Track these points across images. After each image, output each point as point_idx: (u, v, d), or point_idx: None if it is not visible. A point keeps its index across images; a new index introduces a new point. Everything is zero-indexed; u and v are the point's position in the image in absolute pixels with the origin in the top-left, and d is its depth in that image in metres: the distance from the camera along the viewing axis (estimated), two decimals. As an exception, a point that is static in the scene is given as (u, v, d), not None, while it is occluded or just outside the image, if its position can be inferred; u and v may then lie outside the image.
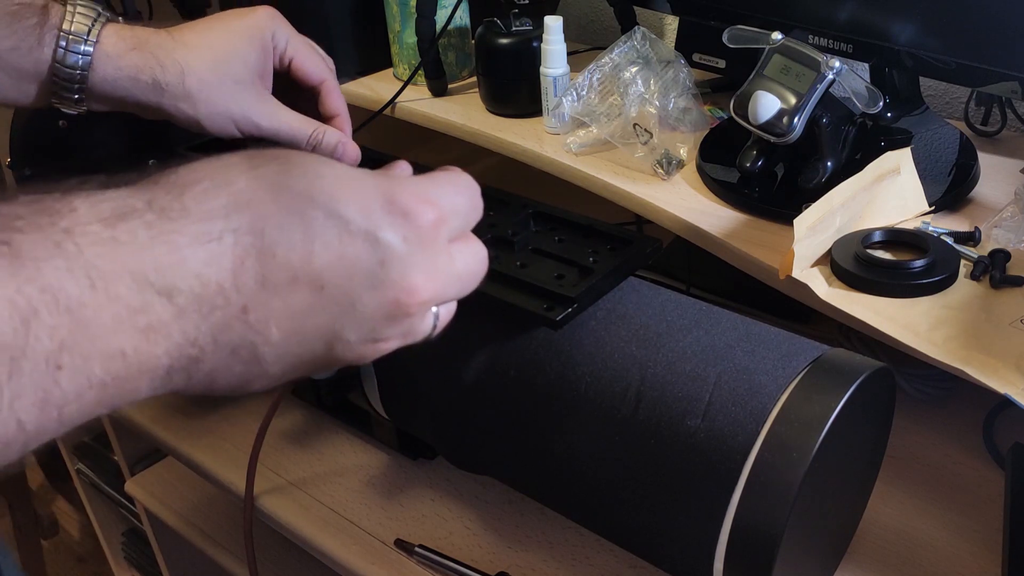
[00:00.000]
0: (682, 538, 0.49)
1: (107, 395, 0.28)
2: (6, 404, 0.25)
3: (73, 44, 0.56)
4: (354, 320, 0.33)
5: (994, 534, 0.60)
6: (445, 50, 0.95)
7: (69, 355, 0.26)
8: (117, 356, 0.27)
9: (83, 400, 0.27)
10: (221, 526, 0.89)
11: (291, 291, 0.31)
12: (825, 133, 0.70)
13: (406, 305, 0.34)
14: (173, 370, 0.29)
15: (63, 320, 0.26)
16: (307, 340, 0.32)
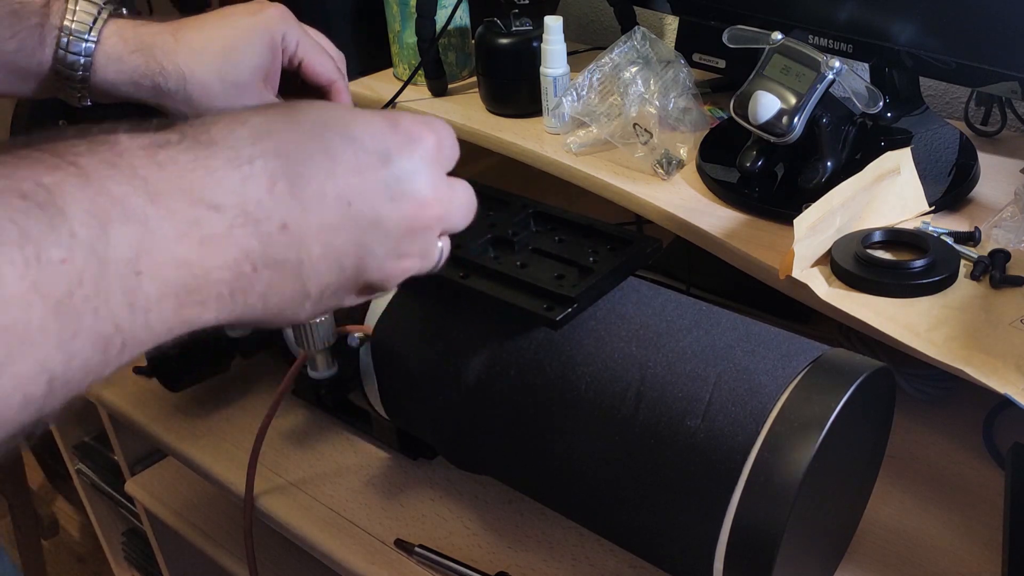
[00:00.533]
0: (682, 538, 0.49)
1: (183, 308, 0.30)
2: (103, 303, 0.27)
3: (74, 43, 0.55)
4: (379, 234, 0.36)
5: (994, 534, 0.60)
6: (445, 50, 0.95)
7: (145, 260, 0.28)
8: (184, 265, 0.30)
9: (163, 307, 0.29)
10: (221, 526, 0.89)
11: (322, 208, 0.33)
12: (825, 133, 0.70)
13: (423, 218, 0.37)
14: (234, 290, 0.31)
15: (134, 228, 0.28)
16: (340, 256, 0.35)
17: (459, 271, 0.57)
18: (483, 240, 0.59)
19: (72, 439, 1.17)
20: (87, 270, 0.27)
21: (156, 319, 0.29)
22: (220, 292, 0.31)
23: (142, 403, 0.80)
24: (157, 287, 0.29)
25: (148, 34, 0.58)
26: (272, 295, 0.33)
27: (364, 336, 0.62)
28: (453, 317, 0.59)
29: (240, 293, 0.32)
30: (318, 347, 0.62)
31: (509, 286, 0.56)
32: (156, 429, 0.77)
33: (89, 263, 0.27)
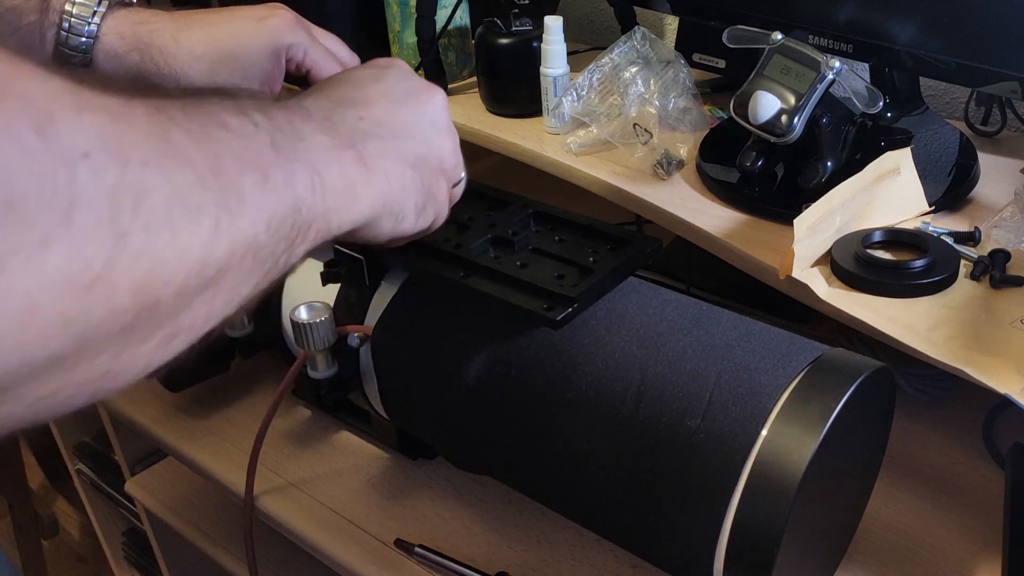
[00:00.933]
0: (682, 538, 0.49)
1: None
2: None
3: (76, 27, 0.55)
4: (425, 151, 0.47)
5: (994, 534, 0.60)
6: (445, 50, 0.95)
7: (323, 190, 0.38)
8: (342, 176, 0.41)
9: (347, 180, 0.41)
10: (221, 526, 0.89)
11: (385, 140, 0.45)
12: (825, 133, 0.70)
13: (450, 152, 0.50)
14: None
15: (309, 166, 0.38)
16: (404, 168, 0.46)
17: (459, 271, 0.57)
18: (483, 240, 0.59)
19: (72, 439, 1.17)
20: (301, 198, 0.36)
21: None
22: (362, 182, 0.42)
23: (142, 403, 0.80)
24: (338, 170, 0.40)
25: (147, 32, 0.57)
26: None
27: (364, 336, 0.62)
28: (453, 317, 0.59)
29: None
30: (318, 347, 0.62)
31: (509, 286, 0.56)
32: (156, 429, 0.77)
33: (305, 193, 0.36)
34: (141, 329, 0.28)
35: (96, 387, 0.28)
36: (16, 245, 0.23)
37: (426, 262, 0.59)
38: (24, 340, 0.24)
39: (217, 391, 0.80)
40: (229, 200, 0.31)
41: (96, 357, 0.27)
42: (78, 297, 0.25)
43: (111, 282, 0.26)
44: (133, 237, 0.26)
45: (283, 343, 0.71)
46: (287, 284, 0.69)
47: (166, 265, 0.27)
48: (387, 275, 0.63)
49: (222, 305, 0.32)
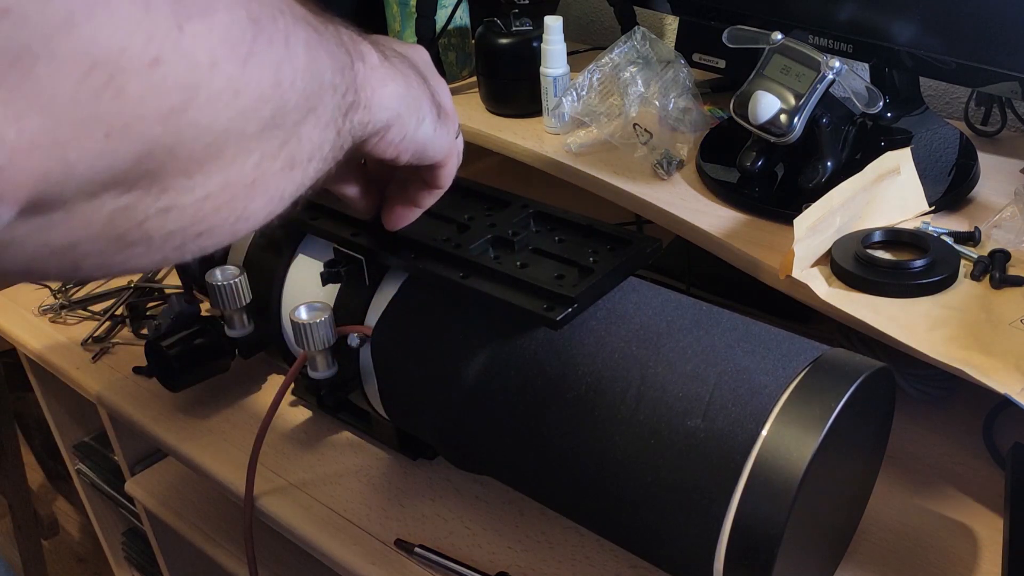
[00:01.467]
0: (682, 538, 0.49)
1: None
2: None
3: None
4: (424, 72, 0.50)
5: (994, 534, 0.60)
6: (445, 50, 0.95)
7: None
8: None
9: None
10: (221, 526, 0.89)
11: (390, 54, 0.49)
12: (825, 133, 0.70)
13: (443, 91, 0.52)
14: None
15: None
16: (412, 72, 0.49)
17: (459, 271, 0.58)
18: (483, 240, 0.59)
19: (72, 439, 1.17)
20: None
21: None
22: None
23: (142, 403, 0.80)
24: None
25: None
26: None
27: (364, 336, 0.62)
28: (453, 317, 0.59)
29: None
30: (318, 347, 0.62)
31: (509, 286, 0.56)
32: (156, 429, 0.77)
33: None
34: (275, 136, 0.32)
35: (244, 203, 0.32)
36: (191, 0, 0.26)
37: (426, 262, 0.59)
38: (212, 95, 0.28)
39: (217, 391, 0.80)
40: (311, 23, 0.35)
41: (248, 155, 0.31)
42: (240, 66, 0.28)
43: (259, 61, 0.29)
44: (264, 24, 0.30)
45: (283, 343, 0.71)
46: (287, 284, 0.69)
47: (288, 62, 0.31)
48: (387, 275, 0.63)
49: (318, 143, 0.35)
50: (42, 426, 1.32)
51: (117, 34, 0.24)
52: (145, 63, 0.25)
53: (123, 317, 0.92)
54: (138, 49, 0.25)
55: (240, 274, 0.68)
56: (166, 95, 0.26)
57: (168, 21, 0.26)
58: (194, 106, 0.27)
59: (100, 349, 0.88)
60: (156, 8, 0.25)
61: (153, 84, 0.26)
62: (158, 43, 0.25)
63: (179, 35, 0.26)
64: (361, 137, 0.43)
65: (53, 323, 0.93)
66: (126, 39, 0.24)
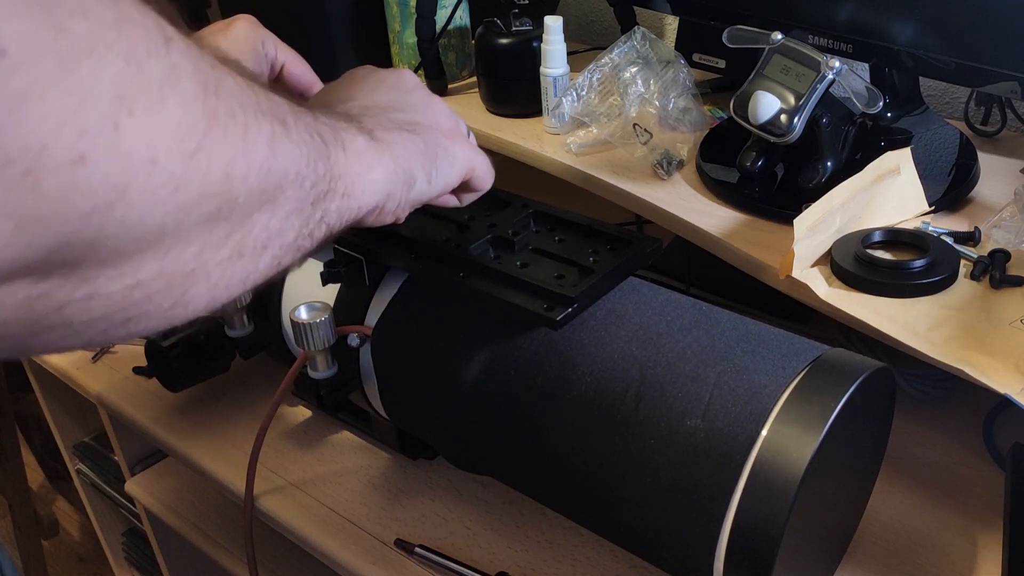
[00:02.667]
0: (682, 538, 0.49)
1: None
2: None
3: None
4: (416, 116, 0.50)
5: (994, 534, 0.60)
6: (445, 50, 0.96)
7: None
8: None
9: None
10: (221, 526, 0.89)
11: (377, 116, 0.47)
12: (825, 133, 0.70)
13: (441, 111, 0.52)
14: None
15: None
16: (401, 133, 0.47)
17: (459, 271, 0.58)
18: (483, 240, 0.59)
19: (72, 439, 1.17)
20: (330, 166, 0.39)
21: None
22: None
23: (142, 403, 0.80)
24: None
25: None
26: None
27: (364, 336, 0.62)
28: (453, 317, 0.59)
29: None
30: (318, 347, 0.62)
31: (509, 286, 0.56)
32: (156, 429, 0.77)
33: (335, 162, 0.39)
34: (220, 227, 0.31)
35: (181, 291, 0.31)
36: (140, 91, 0.25)
37: (426, 262, 0.59)
38: (145, 193, 0.26)
39: (217, 391, 0.80)
40: (278, 116, 0.34)
41: (187, 245, 0.30)
42: (184, 162, 0.27)
43: (207, 157, 0.28)
44: (220, 118, 0.29)
45: (283, 343, 0.71)
46: (287, 284, 0.69)
47: (242, 158, 0.30)
48: (387, 275, 0.63)
49: (276, 232, 0.34)
50: (42, 426, 1.32)
51: (40, 130, 0.23)
52: (68, 161, 0.24)
53: (123, 317, 0.92)
54: (62, 146, 0.23)
55: (240, 274, 0.68)
56: (90, 194, 0.24)
57: (105, 118, 0.24)
58: (123, 203, 0.26)
59: (100, 349, 0.88)
60: (92, 104, 0.24)
61: (75, 183, 0.24)
62: (88, 141, 0.24)
63: (114, 133, 0.25)
64: (347, 221, 0.41)
65: None
66: (49, 136, 0.23)
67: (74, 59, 0.23)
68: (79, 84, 0.23)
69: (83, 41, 0.24)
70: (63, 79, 0.23)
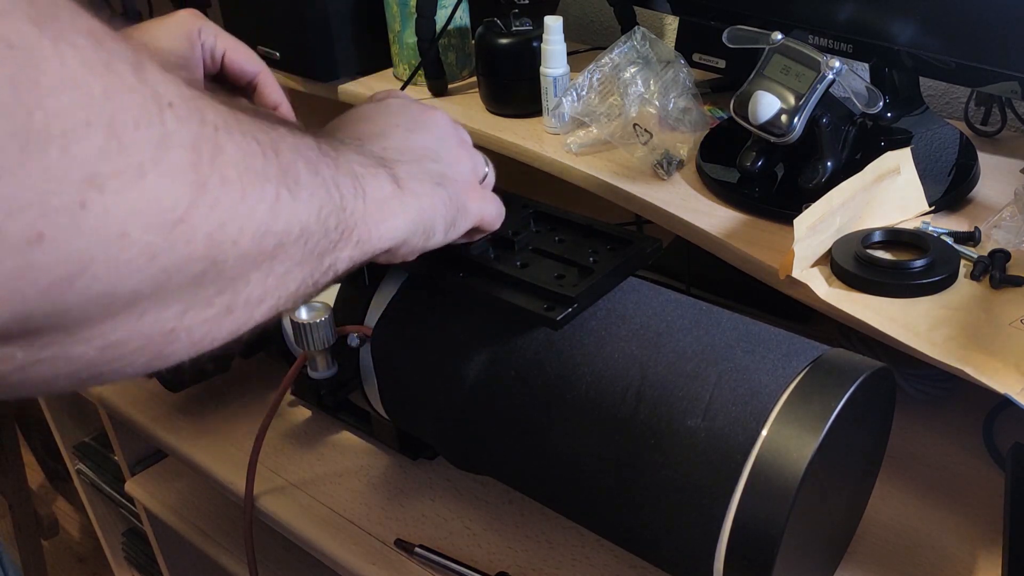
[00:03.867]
0: (682, 538, 0.49)
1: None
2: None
3: None
4: (445, 169, 0.49)
5: (994, 534, 0.60)
6: (445, 50, 0.95)
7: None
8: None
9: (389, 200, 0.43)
10: (221, 526, 0.89)
11: (410, 164, 0.47)
12: (825, 133, 0.70)
13: (466, 161, 0.52)
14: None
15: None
16: (431, 186, 0.47)
17: (459, 271, 0.57)
18: (483, 240, 0.59)
19: (72, 439, 1.17)
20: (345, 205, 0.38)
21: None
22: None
23: (142, 403, 0.80)
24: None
25: None
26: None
27: (364, 336, 0.62)
28: (453, 317, 0.59)
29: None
30: (318, 347, 0.62)
31: (509, 286, 0.56)
32: (156, 429, 0.77)
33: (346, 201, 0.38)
34: (206, 288, 0.30)
35: (158, 348, 0.29)
36: (117, 168, 0.24)
37: (426, 262, 0.59)
38: (114, 265, 0.25)
39: (217, 391, 0.80)
40: (287, 178, 0.33)
41: (167, 307, 0.28)
42: (163, 234, 0.26)
43: (191, 226, 0.27)
44: (210, 188, 0.28)
45: (283, 343, 0.71)
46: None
47: (235, 222, 0.29)
48: (387, 275, 0.63)
49: (273, 287, 0.33)
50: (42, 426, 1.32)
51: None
52: (24, 240, 0.22)
53: (123, 317, 0.92)
54: (17, 230, 0.22)
55: (240, 274, 0.68)
56: (47, 271, 0.23)
57: (68, 200, 0.23)
58: (87, 276, 0.24)
59: (100, 349, 0.88)
60: (57, 186, 0.23)
61: (31, 262, 0.23)
62: (48, 221, 0.22)
63: (80, 211, 0.23)
64: (357, 264, 0.41)
65: None
66: (4, 218, 0.22)
67: (41, 143, 0.22)
68: (43, 170, 0.22)
69: (58, 121, 0.22)
70: (24, 164, 0.21)
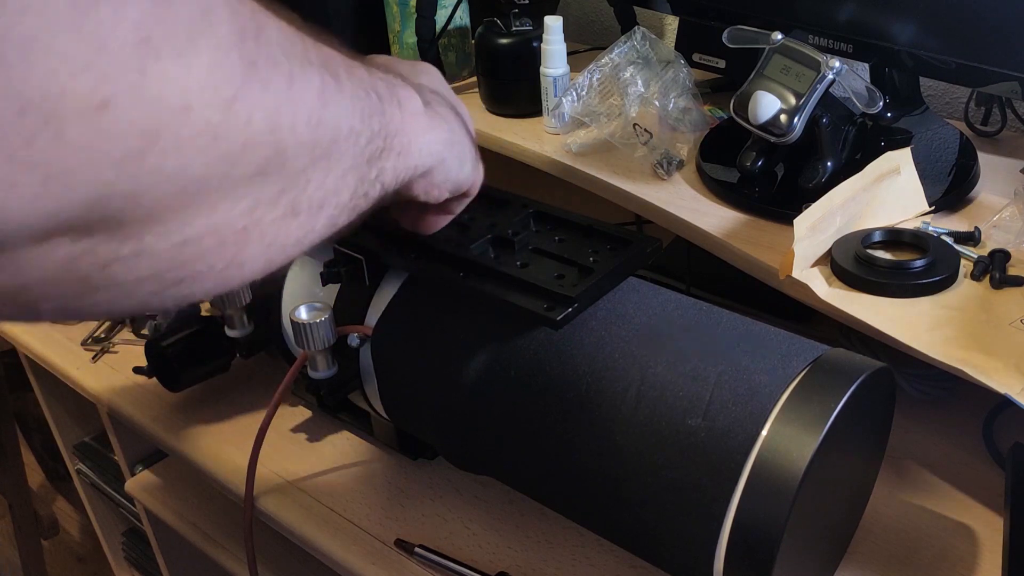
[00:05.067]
0: (682, 538, 0.49)
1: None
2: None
3: None
4: (460, 109, 0.50)
5: (994, 534, 0.60)
6: (445, 50, 0.96)
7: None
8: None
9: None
10: (221, 526, 0.89)
11: (433, 95, 0.47)
12: (825, 133, 0.70)
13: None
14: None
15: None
16: (454, 116, 0.48)
17: (459, 271, 0.58)
18: (483, 240, 0.59)
19: (72, 439, 1.17)
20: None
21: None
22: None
23: (142, 403, 0.80)
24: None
25: None
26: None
27: (364, 336, 0.62)
28: (453, 317, 0.59)
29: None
30: (318, 347, 0.62)
31: (509, 286, 0.56)
32: (156, 429, 0.77)
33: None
34: (271, 183, 0.30)
35: (233, 251, 0.30)
36: (168, 33, 0.24)
37: (426, 262, 0.59)
38: (180, 141, 0.25)
39: (217, 391, 0.80)
40: (330, 69, 0.33)
41: (236, 201, 0.29)
42: (222, 111, 0.26)
43: (247, 105, 0.27)
44: (260, 67, 0.28)
45: (283, 343, 0.71)
46: (287, 284, 0.69)
47: (288, 107, 0.30)
48: (387, 275, 0.63)
49: (331, 191, 0.34)
50: (42, 426, 1.32)
51: (56, 76, 0.22)
52: (91, 107, 0.23)
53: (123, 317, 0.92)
54: (83, 92, 0.23)
55: (240, 274, 0.68)
56: (118, 141, 0.24)
57: (127, 63, 0.23)
58: (156, 151, 0.25)
59: (100, 349, 0.88)
60: (112, 50, 0.23)
61: (101, 129, 0.23)
62: (111, 86, 0.23)
63: (140, 78, 0.24)
64: (401, 180, 0.41)
65: (53, 323, 0.93)
66: (68, 82, 0.22)
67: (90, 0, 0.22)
68: (97, 27, 0.22)
69: None
70: (77, 21, 0.22)
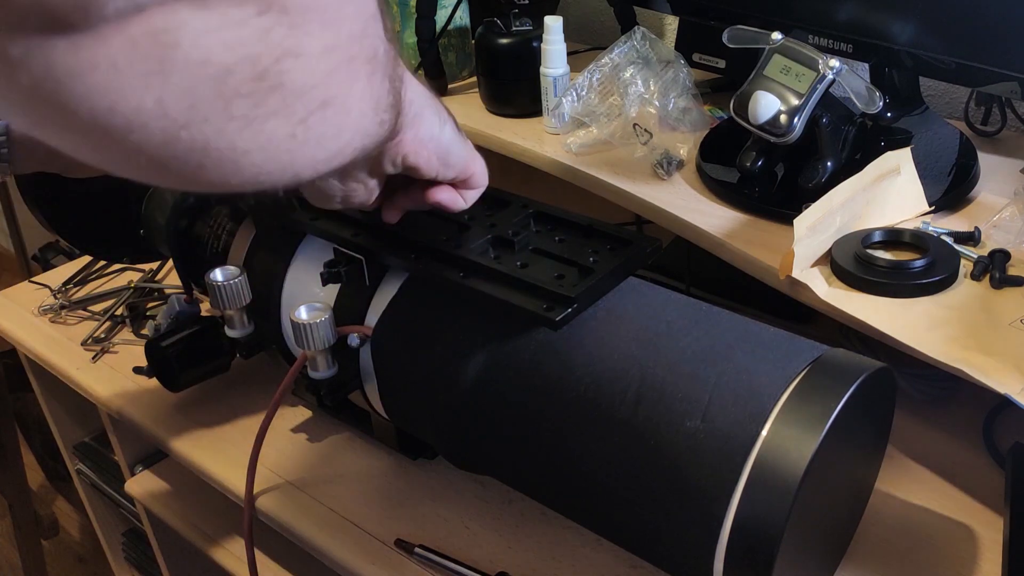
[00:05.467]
0: (682, 538, 0.49)
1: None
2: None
3: None
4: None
5: (994, 534, 0.60)
6: (445, 50, 0.96)
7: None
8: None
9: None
10: (221, 526, 0.89)
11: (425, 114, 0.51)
12: (825, 133, 0.70)
13: None
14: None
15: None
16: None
17: (459, 271, 0.57)
18: (483, 240, 0.59)
19: (72, 439, 1.17)
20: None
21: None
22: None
23: (142, 403, 0.80)
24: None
25: None
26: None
27: (364, 336, 0.62)
28: (453, 317, 0.59)
29: None
30: (318, 347, 0.62)
31: (509, 286, 0.56)
32: (156, 429, 0.77)
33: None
34: (357, 29, 0.36)
35: (346, 83, 0.36)
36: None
37: (426, 262, 0.59)
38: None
39: (217, 391, 0.80)
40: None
41: (340, 24, 0.34)
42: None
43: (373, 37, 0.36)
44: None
45: (283, 343, 0.71)
46: (287, 284, 0.69)
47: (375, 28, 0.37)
48: (387, 275, 0.63)
49: (384, 60, 0.38)
50: (42, 426, 1.32)
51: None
52: None
53: (123, 317, 0.92)
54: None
55: (240, 274, 0.68)
56: None
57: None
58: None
59: (100, 349, 0.88)
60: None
61: None
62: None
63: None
64: (401, 120, 0.44)
65: (53, 323, 0.93)
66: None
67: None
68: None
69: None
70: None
